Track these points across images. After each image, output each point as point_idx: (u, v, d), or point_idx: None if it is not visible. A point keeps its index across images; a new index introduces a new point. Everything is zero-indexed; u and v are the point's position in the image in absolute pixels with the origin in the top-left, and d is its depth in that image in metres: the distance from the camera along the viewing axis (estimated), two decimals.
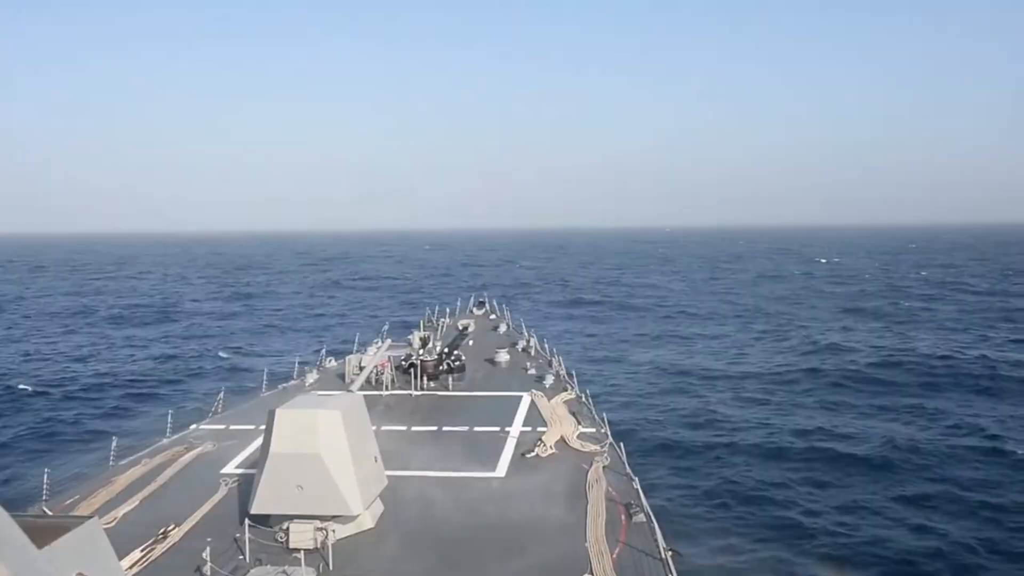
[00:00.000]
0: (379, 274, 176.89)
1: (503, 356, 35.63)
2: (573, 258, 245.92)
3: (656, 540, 16.37)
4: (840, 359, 57.94)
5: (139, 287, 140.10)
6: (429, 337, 33.67)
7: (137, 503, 19.12)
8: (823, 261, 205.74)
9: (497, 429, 25.00)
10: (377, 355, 29.63)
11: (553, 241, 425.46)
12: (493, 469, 21.39)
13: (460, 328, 41.16)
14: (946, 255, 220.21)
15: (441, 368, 31.43)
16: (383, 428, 24.42)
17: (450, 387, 30.78)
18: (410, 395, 29.90)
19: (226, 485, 20.28)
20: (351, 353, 33.78)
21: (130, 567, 15.57)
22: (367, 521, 17.44)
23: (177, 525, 17.63)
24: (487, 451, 22.84)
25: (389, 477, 18.78)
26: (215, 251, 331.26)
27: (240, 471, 21.24)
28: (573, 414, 26.25)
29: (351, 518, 16.99)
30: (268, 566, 15.59)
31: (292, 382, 32.29)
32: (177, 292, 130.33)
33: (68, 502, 19.12)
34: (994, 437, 38.03)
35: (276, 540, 16.63)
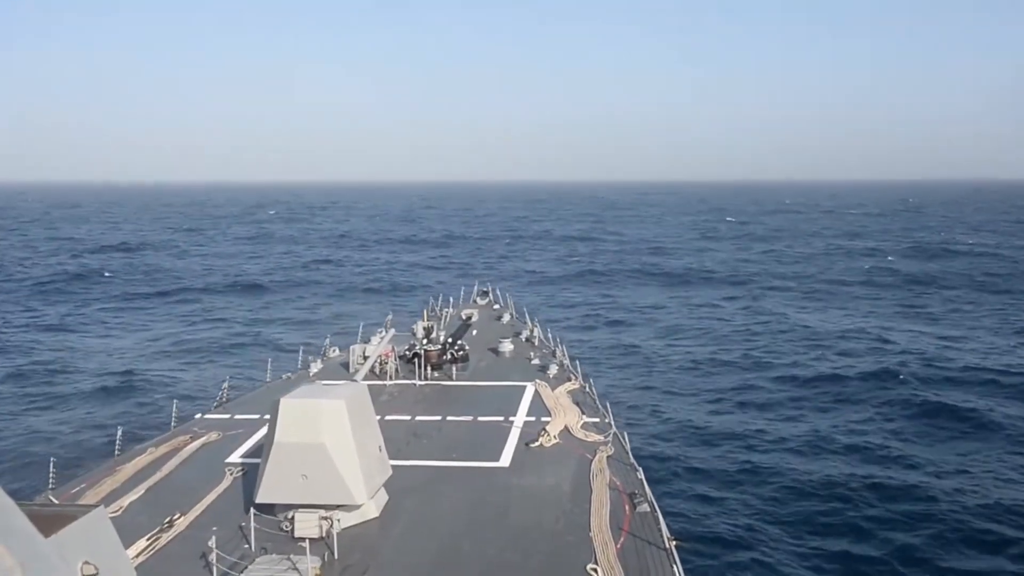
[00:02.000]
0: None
1: (507, 346, 35.61)
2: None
3: (660, 530, 16.41)
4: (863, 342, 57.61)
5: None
6: (433, 327, 33.69)
7: (143, 492, 19.24)
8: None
9: (501, 419, 25.03)
10: (381, 345, 29.65)
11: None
12: (497, 459, 21.43)
13: (464, 318, 41.20)
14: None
15: (445, 358, 31.46)
16: (387, 418, 24.49)
17: (454, 377, 30.82)
18: (414, 385, 29.95)
19: (231, 474, 20.38)
20: (355, 343, 33.83)
21: (136, 556, 15.67)
22: (371, 510, 17.51)
23: (183, 514, 17.74)
24: (491, 441, 22.88)
25: (393, 467, 18.84)
26: (194, 201, 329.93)
27: (245, 460, 21.32)
28: (577, 404, 26.28)
29: (356, 507, 17.07)
30: (273, 555, 15.69)
31: (296, 372, 32.37)
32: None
33: (74, 491, 19.23)
34: None
35: (281, 529, 16.73)
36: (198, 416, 26.23)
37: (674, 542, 16.00)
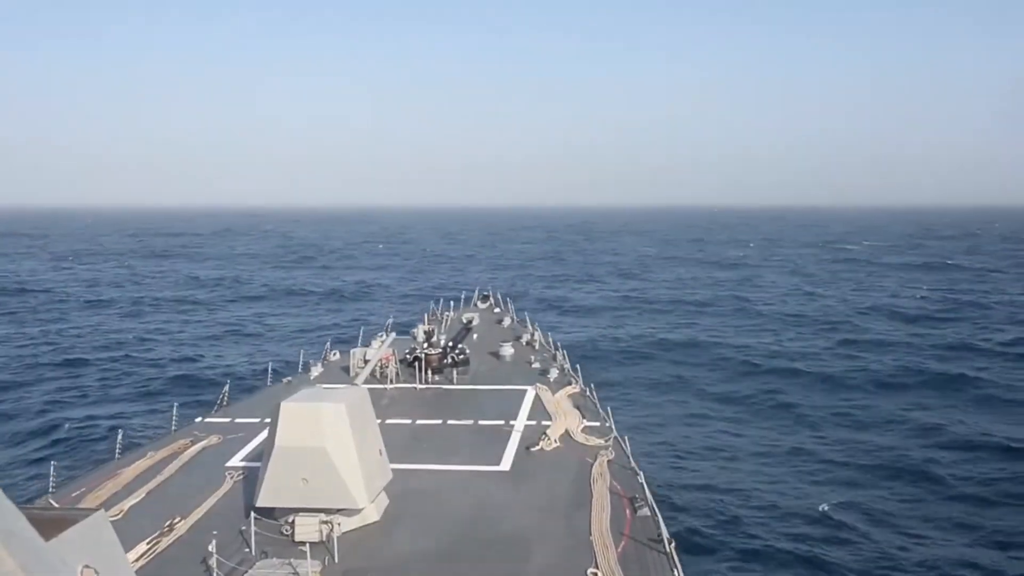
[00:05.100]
0: None
1: (507, 350, 35.60)
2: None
3: (660, 534, 16.40)
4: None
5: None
6: (433, 331, 33.67)
7: (143, 496, 19.24)
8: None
9: (502, 423, 25.03)
10: (381, 349, 29.66)
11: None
12: (497, 463, 21.43)
13: (464, 322, 41.17)
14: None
15: (445, 362, 31.46)
16: (388, 422, 24.49)
17: (454, 381, 30.80)
18: (414, 389, 29.94)
19: (232, 478, 20.39)
20: (355, 347, 33.83)
21: (136, 559, 15.66)
22: (372, 514, 17.52)
23: (183, 518, 17.74)
24: (491, 445, 22.87)
25: (394, 470, 18.84)
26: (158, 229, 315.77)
27: (246, 464, 21.33)
28: (577, 408, 26.27)
29: (356, 511, 17.07)
30: (274, 559, 15.68)
31: (297, 375, 32.36)
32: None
33: (75, 495, 19.23)
34: None
35: (282, 533, 16.73)
36: (198, 420, 26.23)
37: (674, 545, 15.99)
